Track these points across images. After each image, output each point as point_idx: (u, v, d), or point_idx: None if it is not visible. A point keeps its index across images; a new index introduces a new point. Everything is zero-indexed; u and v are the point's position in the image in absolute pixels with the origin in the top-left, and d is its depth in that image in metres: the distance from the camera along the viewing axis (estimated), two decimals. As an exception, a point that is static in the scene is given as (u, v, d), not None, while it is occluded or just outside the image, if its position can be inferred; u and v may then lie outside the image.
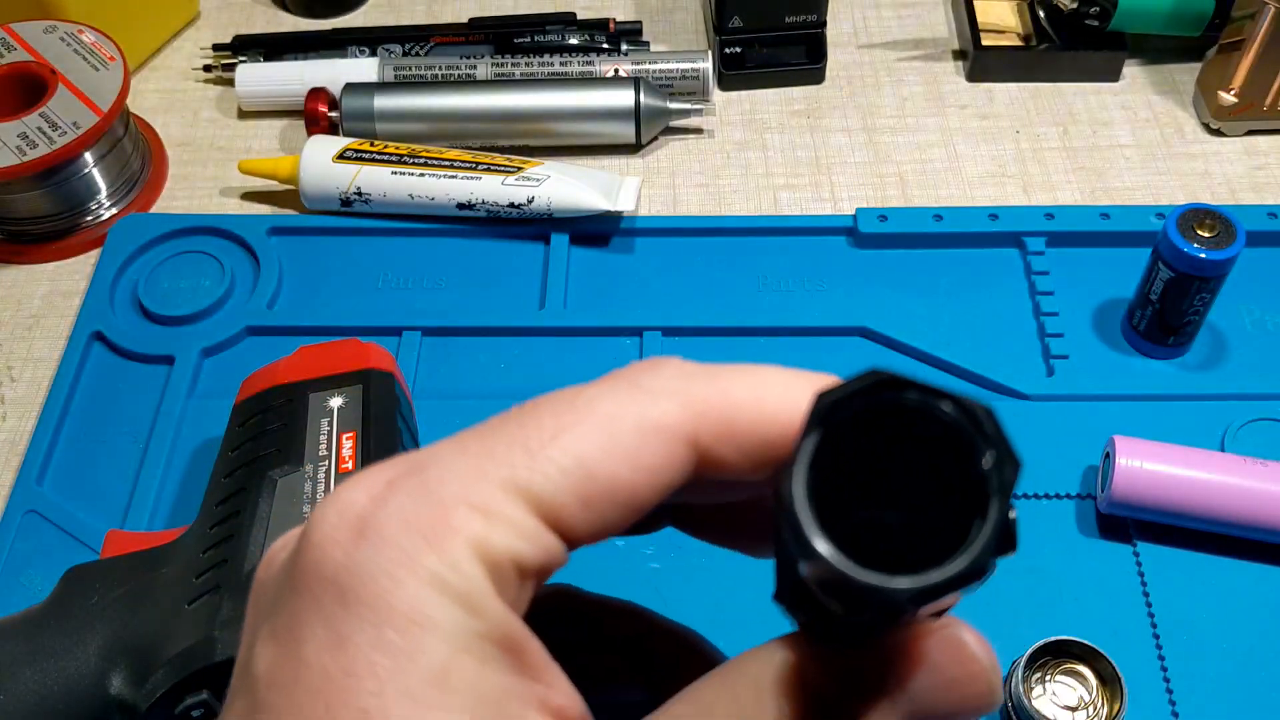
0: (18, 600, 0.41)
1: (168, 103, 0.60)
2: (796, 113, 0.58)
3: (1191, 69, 0.58)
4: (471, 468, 0.21)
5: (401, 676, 0.19)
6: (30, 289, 0.52)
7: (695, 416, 0.22)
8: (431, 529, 0.20)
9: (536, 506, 0.21)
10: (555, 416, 0.21)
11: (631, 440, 0.21)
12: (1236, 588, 0.40)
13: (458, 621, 0.19)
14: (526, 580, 0.21)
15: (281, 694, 0.19)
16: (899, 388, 0.18)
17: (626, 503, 0.21)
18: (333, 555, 0.20)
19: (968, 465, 0.18)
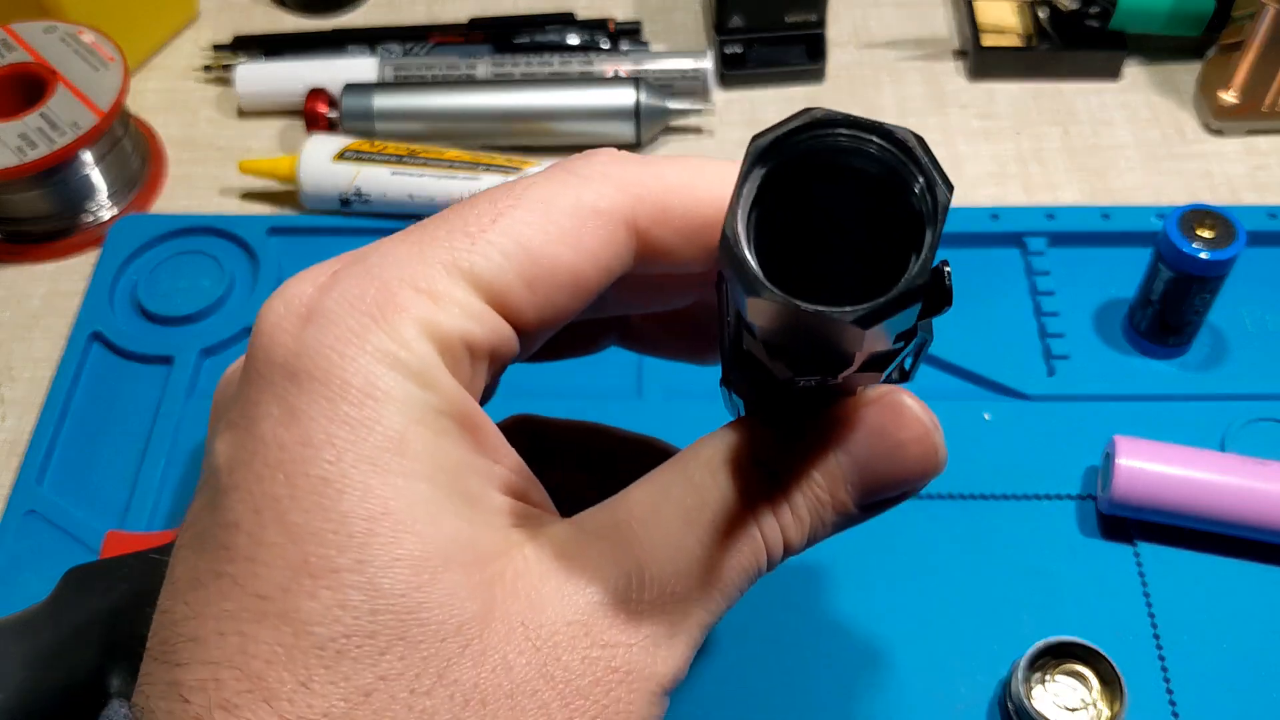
0: (18, 600, 0.41)
1: (167, 102, 0.60)
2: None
3: (1191, 69, 0.58)
4: (414, 254, 0.21)
5: (359, 445, 0.19)
6: (30, 289, 0.52)
7: (632, 199, 0.22)
8: (378, 309, 0.20)
9: (481, 288, 0.21)
10: (493, 204, 0.22)
11: (570, 222, 0.22)
12: (1236, 588, 0.40)
13: (411, 394, 0.19)
14: (479, 362, 0.21)
15: (242, 472, 0.19)
16: (831, 125, 0.18)
17: (570, 285, 0.22)
18: (281, 341, 0.20)
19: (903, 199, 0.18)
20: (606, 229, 0.22)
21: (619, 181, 0.22)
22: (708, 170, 0.23)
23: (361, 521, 0.19)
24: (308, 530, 0.19)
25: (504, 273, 0.21)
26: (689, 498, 0.21)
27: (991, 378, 0.46)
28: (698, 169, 0.23)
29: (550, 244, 0.21)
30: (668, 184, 0.23)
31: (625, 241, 0.22)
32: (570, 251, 0.22)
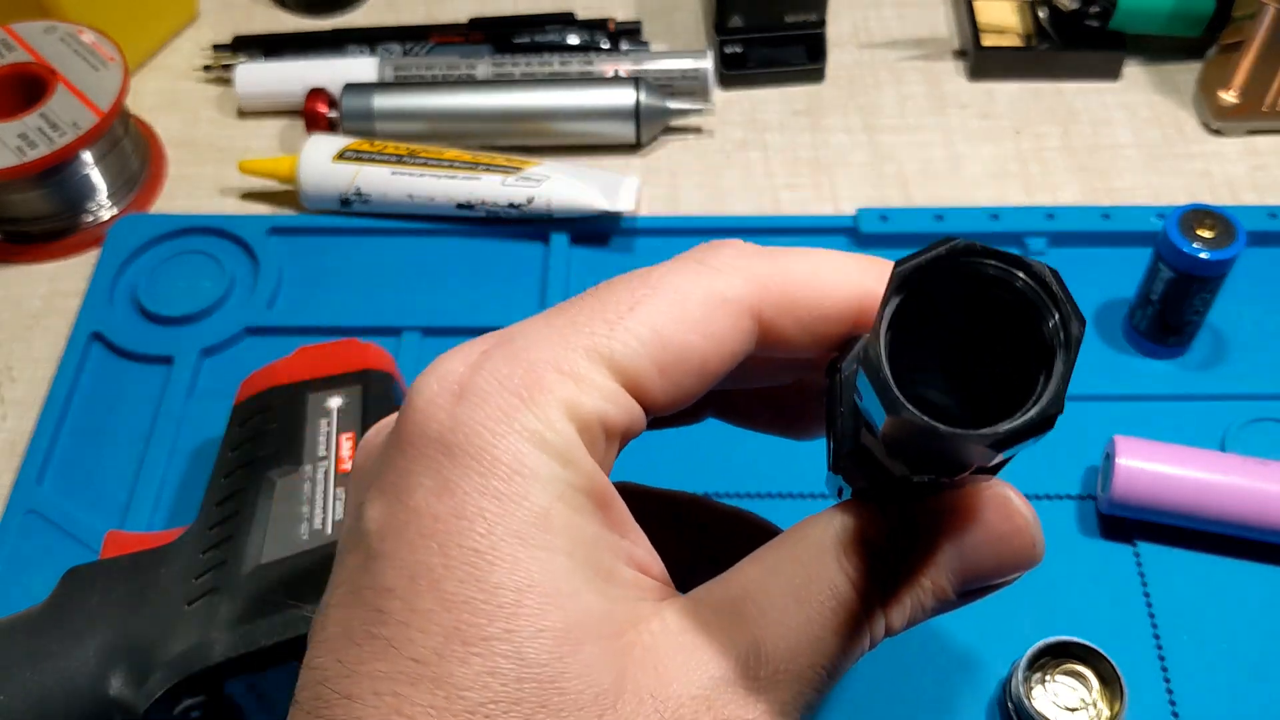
0: (18, 600, 0.41)
1: (167, 103, 0.60)
2: (797, 113, 0.58)
3: (1191, 69, 0.58)
4: (558, 337, 0.22)
5: (508, 519, 0.20)
6: (30, 289, 0.52)
7: (759, 290, 0.24)
8: (526, 390, 0.21)
9: (618, 372, 0.22)
10: (630, 291, 0.23)
11: (701, 311, 0.23)
12: (1236, 588, 0.40)
13: (554, 472, 0.21)
14: (612, 441, 0.23)
15: (395, 540, 0.21)
16: (978, 256, 0.19)
17: (698, 370, 0.23)
18: (436, 416, 0.21)
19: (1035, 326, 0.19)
20: (733, 318, 0.23)
21: (746, 273, 0.24)
22: (830, 264, 0.24)
23: (510, 593, 0.20)
24: (460, 599, 0.20)
25: (638, 358, 0.22)
26: (798, 577, 0.22)
27: (991, 378, 0.46)
28: (821, 262, 0.24)
29: (682, 332, 0.23)
30: (792, 277, 0.24)
31: (750, 329, 0.24)
32: (700, 339, 0.23)
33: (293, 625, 0.31)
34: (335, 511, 0.35)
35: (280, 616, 0.32)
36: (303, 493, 0.35)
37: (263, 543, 0.34)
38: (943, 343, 0.21)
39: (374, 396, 0.39)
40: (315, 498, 0.35)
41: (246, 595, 0.32)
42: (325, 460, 0.36)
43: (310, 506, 0.35)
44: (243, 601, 0.32)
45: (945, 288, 0.20)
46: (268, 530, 0.34)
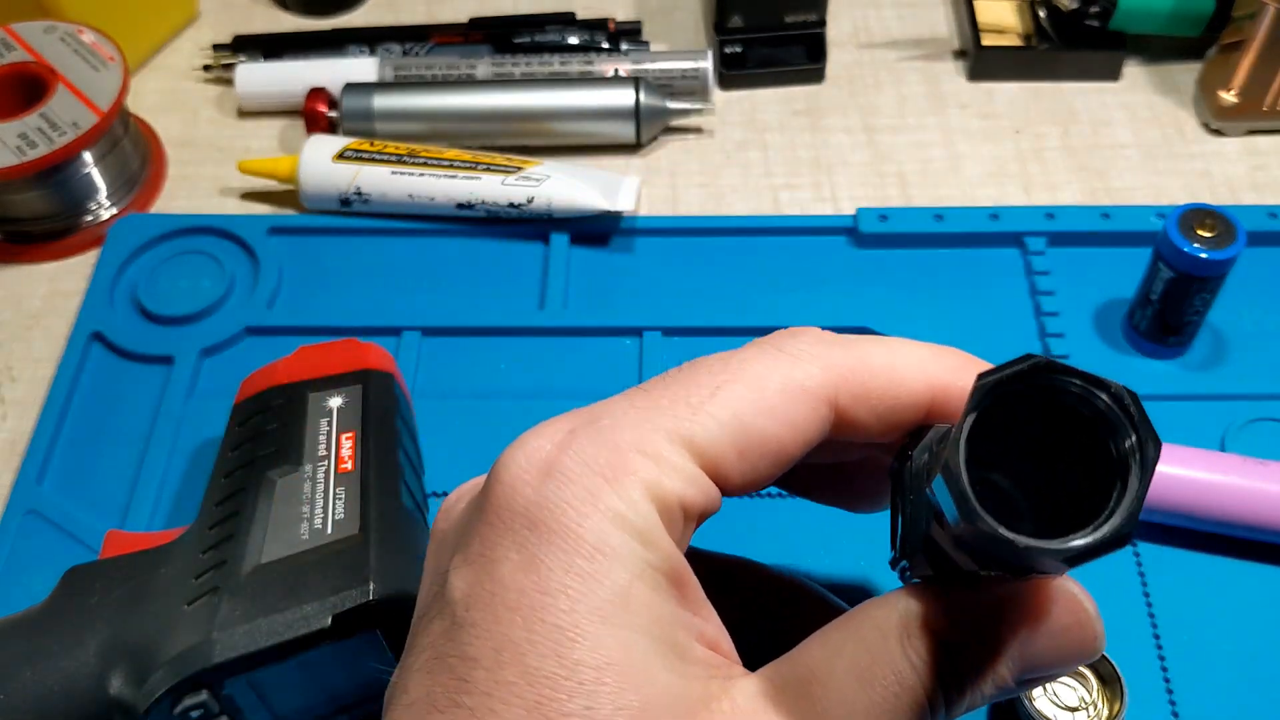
0: (18, 600, 0.41)
1: (167, 103, 0.60)
2: (796, 113, 0.58)
3: (1191, 69, 0.58)
4: (641, 419, 0.23)
5: (590, 597, 0.21)
6: (30, 289, 0.52)
7: (836, 379, 0.25)
8: (610, 471, 0.22)
9: (699, 455, 0.23)
10: (712, 376, 0.24)
11: (780, 399, 0.24)
12: (1236, 588, 0.40)
13: (635, 552, 0.22)
14: (689, 522, 0.23)
15: (480, 610, 0.22)
16: (1060, 374, 0.20)
17: (775, 455, 0.24)
18: (523, 492, 0.22)
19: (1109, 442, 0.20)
20: (811, 406, 0.24)
21: (825, 362, 0.25)
22: (906, 354, 0.25)
23: (590, 670, 0.21)
24: (543, 674, 0.21)
25: (719, 442, 0.23)
26: (863, 660, 0.23)
27: (991, 378, 0.46)
28: (897, 352, 0.25)
29: (761, 418, 0.24)
30: (869, 366, 0.25)
31: (826, 417, 0.25)
32: (778, 425, 0.24)
33: (293, 625, 0.31)
34: (335, 511, 0.35)
35: (280, 616, 0.32)
36: (303, 493, 0.35)
37: (263, 543, 0.34)
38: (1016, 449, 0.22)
39: (374, 396, 0.39)
40: (315, 498, 0.35)
41: (246, 595, 0.32)
42: (325, 460, 0.36)
43: (310, 506, 0.35)
44: (243, 601, 0.32)
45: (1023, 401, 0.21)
46: (268, 530, 0.34)
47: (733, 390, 0.24)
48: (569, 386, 0.47)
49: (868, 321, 0.48)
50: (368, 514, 0.34)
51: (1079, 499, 0.20)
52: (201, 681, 0.31)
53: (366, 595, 0.32)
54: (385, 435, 0.38)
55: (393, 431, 0.38)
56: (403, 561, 0.34)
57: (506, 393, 0.47)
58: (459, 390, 0.47)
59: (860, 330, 0.48)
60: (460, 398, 0.46)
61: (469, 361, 0.48)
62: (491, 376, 0.47)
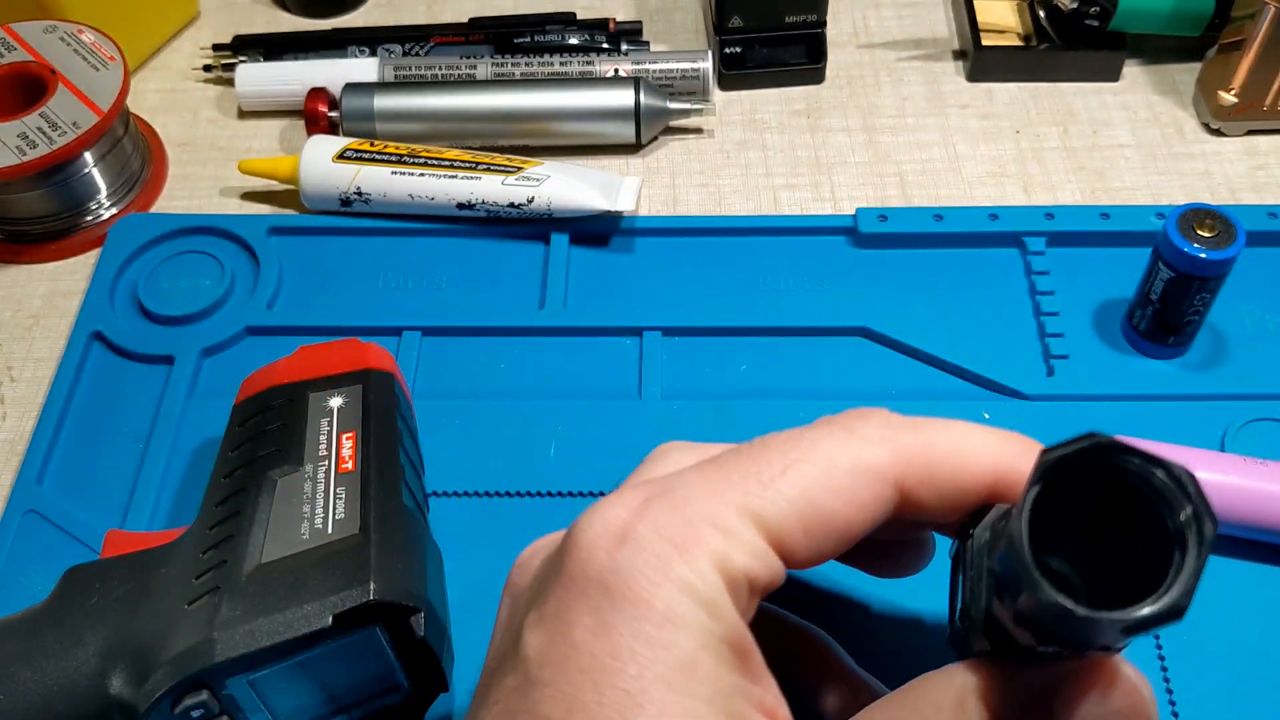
0: (18, 600, 0.41)
1: (168, 103, 0.60)
2: (796, 113, 0.58)
3: (1191, 69, 0.58)
4: (713, 493, 0.24)
5: (657, 665, 0.22)
6: (30, 289, 0.52)
7: (903, 462, 0.25)
8: (682, 541, 0.23)
9: (767, 531, 0.24)
10: (782, 454, 0.25)
11: (848, 480, 0.25)
12: (1236, 588, 0.40)
13: (702, 623, 0.23)
14: (755, 595, 0.24)
15: (554, 671, 0.23)
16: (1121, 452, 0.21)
17: (841, 533, 0.25)
18: (598, 558, 0.23)
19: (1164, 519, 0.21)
20: (877, 487, 0.25)
21: (893, 445, 0.25)
22: (971, 438, 0.26)
23: None
24: None
25: (786, 519, 0.24)
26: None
27: (991, 377, 0.46)
28: (961, 436, 0.26)
29: (828, 497, 0.24)
30: (937, 450, 0.26)
31: (891, 497, 0.25)
32: (845, 506, 0.25)
33: (293, 625, 0.31)
34: (336, 511, 0.35)
35: (281, 616, 0.32)
36: (303, 492, 0.35)
37: (263, 543, 0.34)
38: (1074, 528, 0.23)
39: (375, 396, 0.39)
40: (316, 497, 0.35)
41: (247, 595, 0.32)
42: (326, 460, 0.36)
43: (311, 506, 0.35)
44: (243, 601, 0.32)
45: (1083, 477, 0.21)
46: (268, 530, 0.34)
47: (802, 469, 0.24)
48: (569, 386, 0.47)
49: (867, 321, 0.48)
50: (368, 514, 0.34)
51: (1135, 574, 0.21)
52: (202, 681, 0.31)
53: (367, 595, 0.32)
54: (386, 435, 0.38)
55: (393, 431, 0.38)
56: (403, 561, 0.34)
57: (506, 393, 0.47)
58: (459, 390, 0.47)
59: (860, 330, 0.48)
60: (460, 398, 0.46)
61: (469, 361, 0.48)
62: (491, 376, 0.47)
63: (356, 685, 0.34)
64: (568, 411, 0.45)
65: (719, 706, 0.22)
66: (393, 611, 0.32)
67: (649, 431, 0.45)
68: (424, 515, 0.38)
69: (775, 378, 0.47)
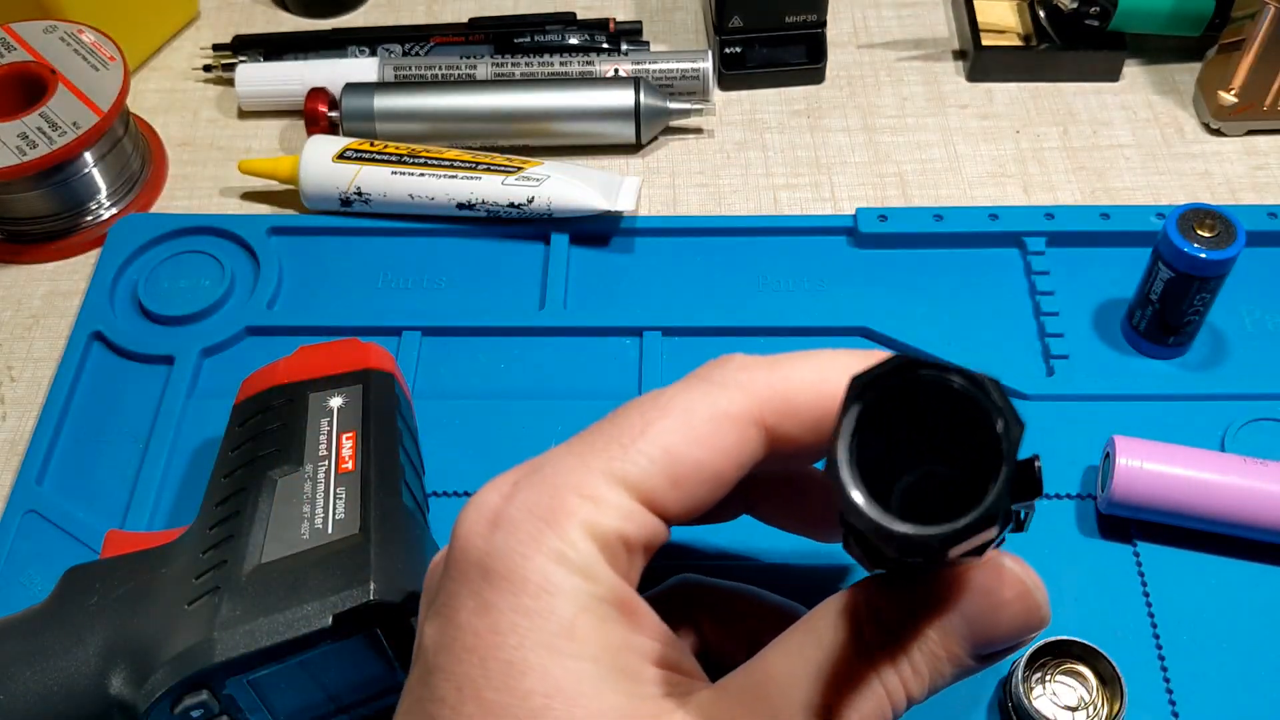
0: (18, 600, 0.41)
1: (168, 103, 0.60)
2: (796, 113, 0.58)
3: (1191, 69, 0.58)
4: (578, 464, 0.25)
5: (537, 632, 0.23)
6: (30, 289, 0.52)
7: (760, 402, 0.26)
8: (550, 514, 0.24)
9: (634, 491, 0.25)
10: (641, 414, 0.25)
11: (707, 427, 0.25)
12: (1236, 588, 0.40)
13: (578, 587, 0.23)
14: (634, 554, 0.25)
15: (445, 655, 0.24)
16: (917, 367, 0.21)
17: (710, 480, 0.25)
18: (475, 544, 0.24)
19: (984, 429, 0.21)
20: (738, 430, 0.26)
21: (748, 387, 0.26)
22: (831, 364, 0.26)
23: (540, 697, 0.23)
24: (498, 705, 0.23)
25: (651, 476, 0.25)
26: (818, 655, 0.24)
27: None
28: (823, 364, 0.26)
29: (690, 448, 0.25)
30: (793, 384, 0.26)
31: (756, 438, 0.26)
32: (708, 453, 0.25)
33: (293, 625, 0.31)
34: (336, 511, 0.35)
35: (281, 616, 0.32)
36: (303, 492, 0.35)
37: (263, 543, 0.34)
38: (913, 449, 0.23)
39: (375, 396, 0.39)
40: (316, 497, 0.35)
41: (247, 595, 0.32)
42: (326, 460, 0.36)
43: (311, 506, 0.35)
44: (243, 601, 0.32)
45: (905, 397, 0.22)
46: (268, 530, 0.34)
47: (661, 425, 0.25)
48: (569, 386, 0.47)
49: (867, 321, 0.48)
50: (368, 514, 0.34)
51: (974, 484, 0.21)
52: (202, 681, 0.31)
53: (367, 595, 0.32)
54: (386, 435, 0.38)
55: (393, 431, 0.38)
56: (403, 561, 0.34)
57: (506, 393, 0.47)
58: (459, 390, 0.47)
59: (860, 330, 0.48)
60: (460, 397, 0.46)
61: (469, 361, 0.48)
62: (491, 376, 0.47)
63: (356, 685, 0.34)
64: (568, 411, 0.45)
65: (606, 664, 0.23)
66: (393, 612, 0.32)
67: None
68: (424, 515, 0.38)
69: (775, 378, 0.47)
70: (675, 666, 0.25)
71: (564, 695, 0.23)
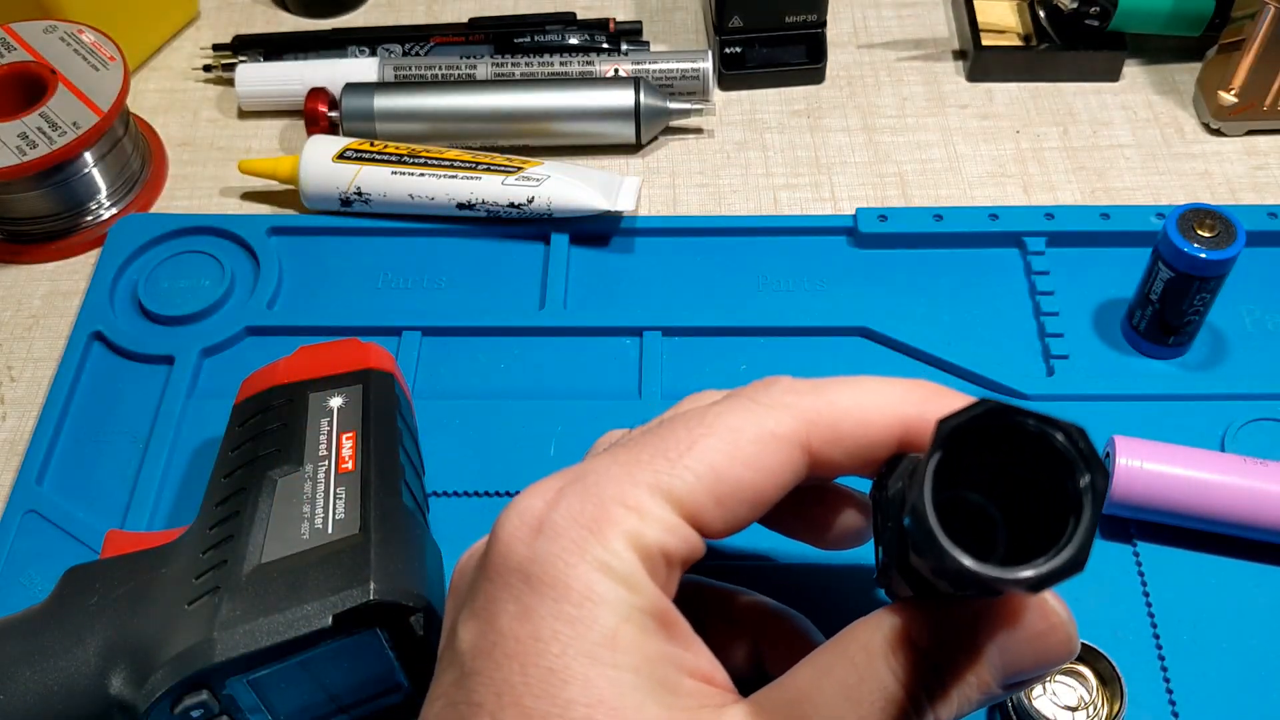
0: (18, 600, 0.41)
1: (168, 103, 0.60)
2: (796, 113, 0.58)
3: (1191, 69, 0.58)
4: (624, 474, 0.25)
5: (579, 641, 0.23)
6: (30, 289, 0.52)
7: (807, 424, 0.26)
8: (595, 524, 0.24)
9: (678, 505, 0.25)
10: (688, 430, 0.26)
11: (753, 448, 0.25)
12: (1236, 588, 0.40)
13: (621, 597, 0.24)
14: (673, 568, 0.25)
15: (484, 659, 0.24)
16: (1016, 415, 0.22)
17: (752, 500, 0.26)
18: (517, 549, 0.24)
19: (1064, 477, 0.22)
20: (784, 452, 0.26)
21: (795, 409, 0.26)
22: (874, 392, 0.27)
23: (582, 707, 0.23)
24: (539, 713, 0.23)
25: (696, 492, 0.25)
26: (850, 678, 0.24)
27: (991, 378, 0.46)
28: (865, 392, 0.27)
29: (736, 467, 0.25)
30: (838, 409, 0.26)
31: (800, 461, 0.26)
32: (752, 473, 0.25)
33: (293, 625, 0.31)
34: (336, 511, 0.35)
35: (280, 616, 0.32)
36: (303, 492, 0.35)
37: (263, 543, 0.34)
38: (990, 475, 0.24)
39: (375, 396, 0.39)
40: (316, 497, 0.35)
41: (247, 595, 0.32)
42: (326, 460, 0.36)
43: (311, 506, 0.35)
44: (243, 601, 0.32)
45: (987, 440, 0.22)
46: (268, 530, 0.34)
47: (708, 443, 0.25)
48: (569, 386, 0.47)
49: (867, 321, 0.48)
50: (368, 514, 0.34)
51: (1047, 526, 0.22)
52: (202, 681, 0.31)
53: (367, 595, 0.32)
54: (386, 435, 0.38)
55: (393, 431, 0.38)
56: (403, 561, 0.34)
57: (506, 393, 0.47)
58: (459, 390, 0.47)
59: (860, 330, 0.48)
60: (460, 397, 0.46)
61: (469, 361, 0.48)
62: (492, 376, 0.47)
63: (357, 685, 0.34)
64: (568, 411, 0.45)
65: (645, 674, 0.23)
66: (393, 611, 0.32)
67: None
68: (424, 515, 0.38)
69: (775, 378, 0.47)
70: (709, 679, 0.25)
71: (606, 706, 0.23)
